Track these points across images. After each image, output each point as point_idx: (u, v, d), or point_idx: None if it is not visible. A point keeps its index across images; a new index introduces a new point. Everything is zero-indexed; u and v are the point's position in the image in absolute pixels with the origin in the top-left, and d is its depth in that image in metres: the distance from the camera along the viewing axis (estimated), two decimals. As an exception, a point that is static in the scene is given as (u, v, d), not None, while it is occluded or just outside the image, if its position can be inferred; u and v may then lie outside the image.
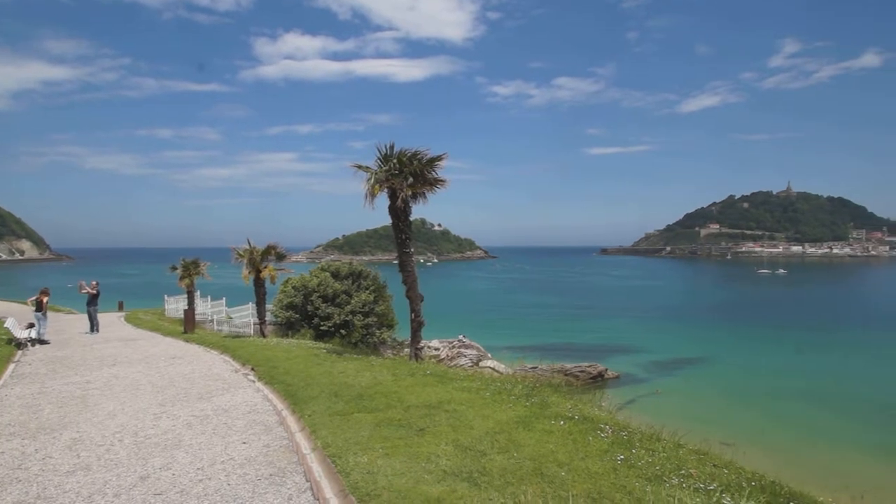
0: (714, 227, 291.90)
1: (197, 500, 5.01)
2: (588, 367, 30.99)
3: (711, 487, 4.60)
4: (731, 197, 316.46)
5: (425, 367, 11.87)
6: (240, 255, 20.97)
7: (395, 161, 13.53)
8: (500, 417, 6.88)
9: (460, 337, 33.39)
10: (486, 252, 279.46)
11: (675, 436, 6.43)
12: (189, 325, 21.82)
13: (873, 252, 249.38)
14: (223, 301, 29.56)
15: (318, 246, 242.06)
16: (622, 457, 5.33)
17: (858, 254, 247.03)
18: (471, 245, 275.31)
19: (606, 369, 31.42)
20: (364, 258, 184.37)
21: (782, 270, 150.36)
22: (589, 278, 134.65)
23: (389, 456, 5.60)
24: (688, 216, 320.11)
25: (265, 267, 20.93)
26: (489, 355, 32.30)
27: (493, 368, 27.41)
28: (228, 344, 16.83)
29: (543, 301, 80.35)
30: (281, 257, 21.98)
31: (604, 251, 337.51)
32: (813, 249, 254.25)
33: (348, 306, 23.78)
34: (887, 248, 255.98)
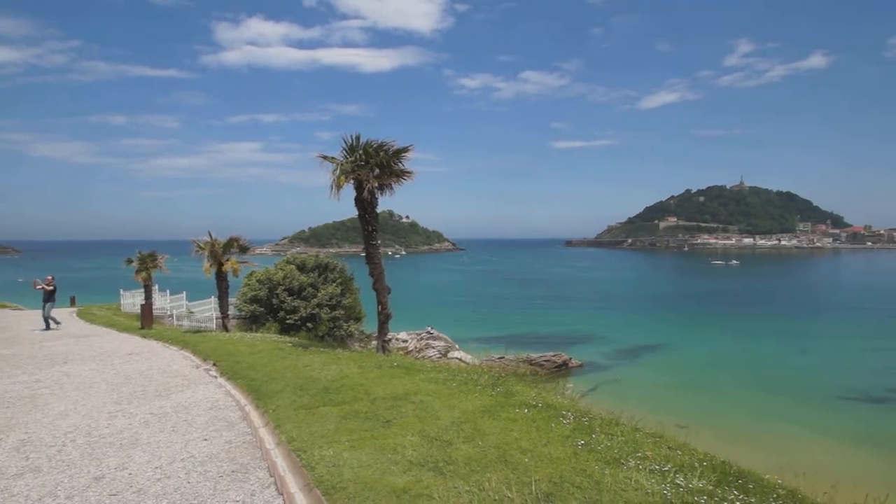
0: (672, 220, 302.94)
1: (155, 500, 4.88)
2: (553, 356, 31.65)
3: (666, 468, 4.81)
4: (688, 191, 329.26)
5: (392, 359, 11.86)
6: (200, 247, 20.35)
7: (361, 152, 13.38)
8: (466, 407, 6.96)
9: (428, 329, 33.48)
10: (453, 244, 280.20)
11: (632, 420, 6.67)
12: (146, 321, 21.07)
13: (818, 244, 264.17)
14: (183, 295, 28.63)
15: (284, 238, 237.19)
16: (583, 442, 5.49)
17: (804, 245, 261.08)
18: (439, 237, 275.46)
19: (570, 358, 32.18)
20: (331, 250, 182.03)
21: (735, 262, 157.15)
22: (554, 270, 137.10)
23: (356, 448, 5.60)
24: (648, 209, 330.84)
25: (227, 260, 20.40)
26: (457, 346, 32.53)
27: (460, 359, 27.63)
28: (189, 339, 16.35)
29: (510, 292, 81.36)
30: (244, 250, 21.45)
31: (569, 243, 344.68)
32: (763, 241, 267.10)
33: (315, 299, 23.46)
34: (830, 239, 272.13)
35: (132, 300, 30.48)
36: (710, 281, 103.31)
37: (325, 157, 13.91)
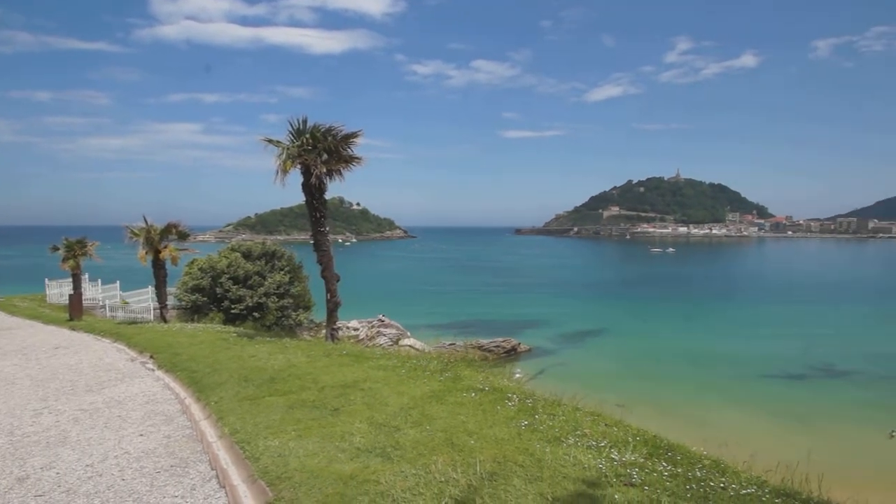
0: (615, 210, 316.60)
1: (86, 499, 4.65)
2: (503, 341, 32.40)
3: (602, 444, 5.08)
4: (630, 181, 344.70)
5: (342, 347, 11.76)
6: (134, 233, 19.22)
7: (308, 136, 13.01)
8: (414, 393, 7.03)
9: (379, 317, 33.34)
10: (405, 232, 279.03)
11: (574, 401, 6.96)
12: (75, 312, 19.76)
13: (745, 233, 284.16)
14: (117, 285, 26.96)
15: (228, 225, 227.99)
16: (526, 422, 5.70)
17: (733, 234, 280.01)
18: (390, 225, 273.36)
19: (519, 343, 33.06)
20: (279, 238, 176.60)
21: (671, 249, 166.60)
22: (504, 257, 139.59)
23: (302, 437, 5.55)
24: (592, 198, 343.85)
25: (165, 247, 19.38)
26: (408, 334, 32.59)
27: (411, 346, 27.73)
28: (123, 331, 15.51)
29: (461, 279, 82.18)
30: (183, 236, 20.45)
31: (518, 231, 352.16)
32: (696, 230, 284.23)
33: (262, 288, 22.76)
34: (756, 229, 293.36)
35: (59, 290, 28.39)
36: (649, 268, 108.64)
37: (269, 141, 13.44)
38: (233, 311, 21.92)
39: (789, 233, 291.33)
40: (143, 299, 24.49)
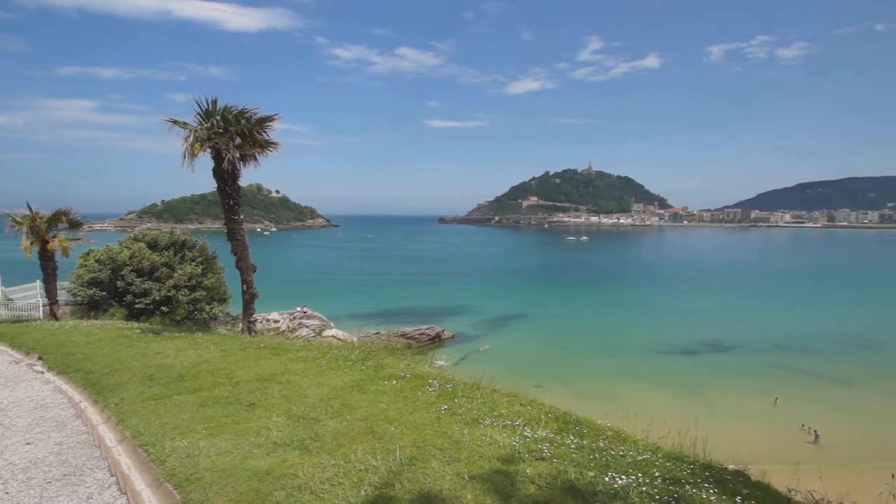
0: (533, 200, 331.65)
1: (-42, 519, 4.16)
2: (427, 329, 32.76)
3: (517, 423, 5.35)
4: (547, 173, 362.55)
5: (259, 340, 11.31)
6: (17, 222, 17.13)
7: (218, 118, 12.24)
8: (335, 383, 6.95)
9: (302, 308, 32.38)
10: (328, 221, 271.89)
11: (492, 383, 7.24)
12: (-59, 312, 17.28)
13: (648, 222, 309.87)
14: (-5, 279, 23.85)
15: (131, 213, 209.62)
16: (446, 407, 5.85)
17: (637, 223, 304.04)
18: (312, 213, 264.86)
19: (443, 330, 33.65)
20: (189, 227, 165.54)
21: (585, 238, 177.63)
22: (428, 246, 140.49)
23: (214, 436, 5.30)
24: (513, 189, 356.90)
25: (54, 237, 17.46)
26: (332, 324, 31.98)
27: (335, 337, 27.26)
28: (6, 330, 13.85)
29: (386, 268, 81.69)
30: (76, 225, 18.53)
31: (442, 220, 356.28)
32: (606, 220, 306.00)
33: (170, 280, 21.18)
34: (657, 218, 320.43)
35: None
36: (565, 255, 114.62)
37: (175, 122, 12.50)
38: (137, 306, 20.27)
39: (685, 222, 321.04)
40: (31, 295, 21.91)
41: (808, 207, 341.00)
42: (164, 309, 20.93)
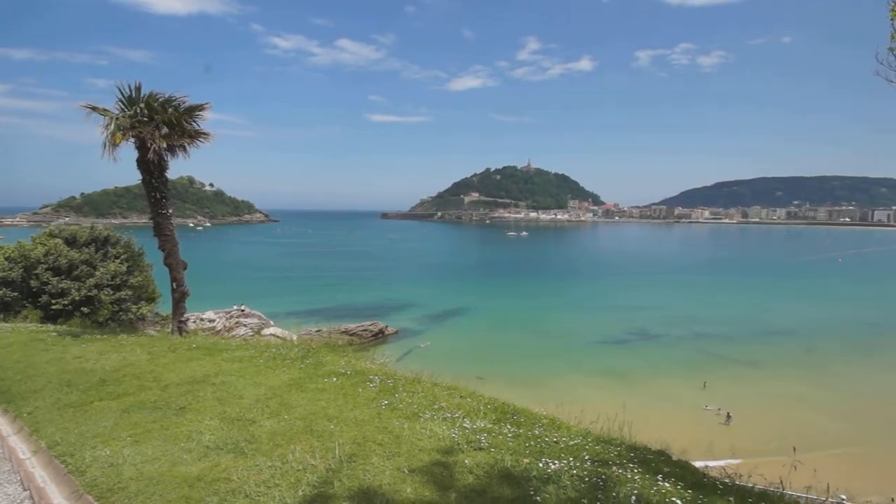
0: (475, 196, 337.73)
1: None
2: (370, 325, 32.50)
3: (457, 415, 5.46)
4: (488, 169, 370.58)
5: (191, 340, 10.78)
6: None
7: (142, 105, 11.49)
8: (272, 383, 6.78)
9: (240, 306, 31.11)
10: (266, 215, 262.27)
11: (434, 377, 7.33)
12: None
13: (583, 218, 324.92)
14: None
15: (45, 206, 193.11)
16: (386, 402, 5.86)
17: (573, 219, 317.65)
18: (249, 208, 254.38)
19: (386, 326, 33.49)
20: (113, 221, 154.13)
21: (525, 233, 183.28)
22: (371, 241, 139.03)
23: (140, 443, 5.03)
24: (455, 184, 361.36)
25: (-51, 232, 15.70)
26: (272, 323, 30.94)
27: (275, 335, 26.40)
28: None
29: (328, 265, 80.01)
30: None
31: (384, 216, 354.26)
32: (544, 215, 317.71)
33: (91, 279, 19.69)
34: (591, 214, 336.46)
35: None
36: (506, 250, 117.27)
37: (94, 109, 11.60)
38: (54, 308, 18.73)
39: (617, 218, 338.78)
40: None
41: (725, 205, 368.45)
42: (85, 310, 19.47)
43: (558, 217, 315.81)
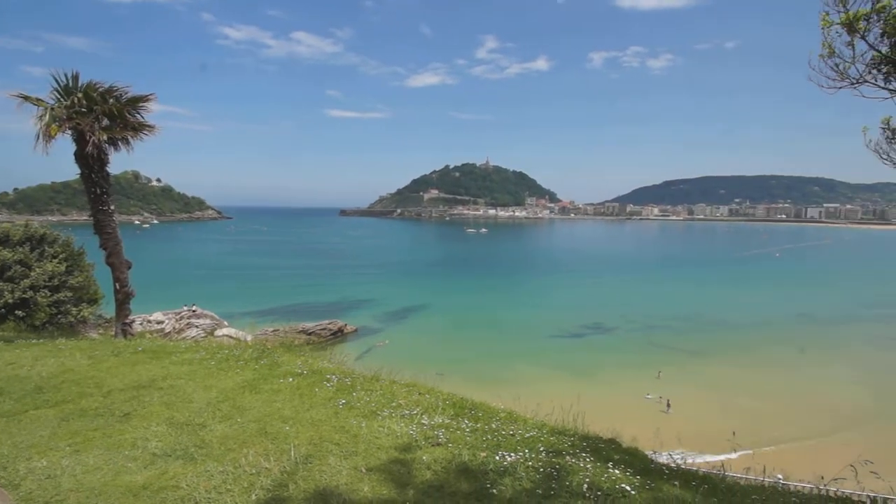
0: (434, 193, 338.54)
1: None
2: (328, 324, 31.97)
3: (415, 412, 5.46)
4: (447, 166, 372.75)
5: (137, 343, 10.27)
6: None
7: (80, 96, 10.84)
8: (224, 385, 6.56)
9: (190, 307, 29.89)
10: (219, 212, 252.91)
11: (393, 374, 7.30)
12: None
13: (540, 215, 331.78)
14: None
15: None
16: (344, 401, 5.80)
17: (531, 216, 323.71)
18: (200, 204, 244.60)
19: (346, 325, 33.05)
20: (50, 219, 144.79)
21: (484, 230, 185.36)
22: (329, 239, 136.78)
23: (80, 452, 4.76)
24: (414, 181, 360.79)
25: None
26: (225, 323, 29.92)
27: (228, 336, 25.56)
28: None
29: (284, 263, 78.09)
30: None
31: (343, 212, 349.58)
32: (503, 212, 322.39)
33: (26, 280, 18.39)
34: (548, 211, 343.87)
35: None
36: (465, 247, 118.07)
37: (26, 98, 10.85)
38: (-19, 312, 17.36)
39: (572, 215, 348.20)
40: None
41: (673, 202, 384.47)
42: (20, 313, 18.17)
43: (516, 214, 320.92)
